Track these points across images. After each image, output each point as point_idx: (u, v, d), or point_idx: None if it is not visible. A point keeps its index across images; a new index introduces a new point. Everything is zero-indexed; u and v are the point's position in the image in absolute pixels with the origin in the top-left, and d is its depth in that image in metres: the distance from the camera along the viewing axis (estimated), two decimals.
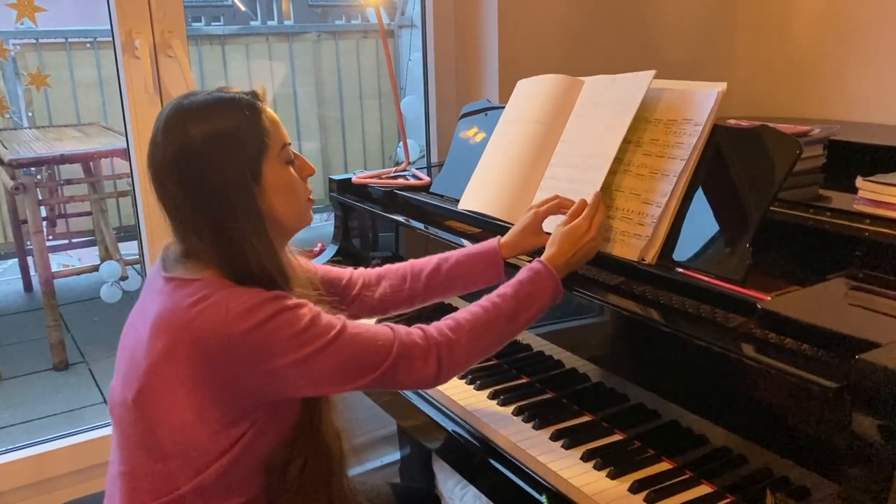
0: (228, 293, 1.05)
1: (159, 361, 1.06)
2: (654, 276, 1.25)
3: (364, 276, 1.44)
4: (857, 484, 0.90)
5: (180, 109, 1.10)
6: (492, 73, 2.22)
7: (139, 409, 1.09)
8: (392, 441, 2.38)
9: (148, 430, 1.09)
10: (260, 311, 1.03)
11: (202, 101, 1.11)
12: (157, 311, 1.08)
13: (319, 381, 1.08)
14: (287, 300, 1.06)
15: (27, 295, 4.09)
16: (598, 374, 1.32)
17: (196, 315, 1.04)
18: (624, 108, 1.37)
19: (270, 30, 4.63)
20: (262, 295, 1.05)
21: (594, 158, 1.39)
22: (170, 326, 1.06)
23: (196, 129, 1.08)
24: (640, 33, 2.40)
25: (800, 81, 2.38)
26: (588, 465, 1.19)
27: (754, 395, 1.05)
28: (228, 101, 1.11)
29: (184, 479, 1.08)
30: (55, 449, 1.98)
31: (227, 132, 1.09)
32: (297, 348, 1.04)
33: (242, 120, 1.10)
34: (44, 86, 3.40)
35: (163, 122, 1.10)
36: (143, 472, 1.11)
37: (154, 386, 1.07)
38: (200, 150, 1.07)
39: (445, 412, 1.42)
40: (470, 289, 1.42)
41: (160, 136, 1.09)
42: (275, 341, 1.04)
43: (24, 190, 3.36)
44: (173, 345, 1.05)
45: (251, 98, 1.13)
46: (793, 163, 1.18)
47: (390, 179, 1.96)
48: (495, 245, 1.38)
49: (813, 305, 1.08)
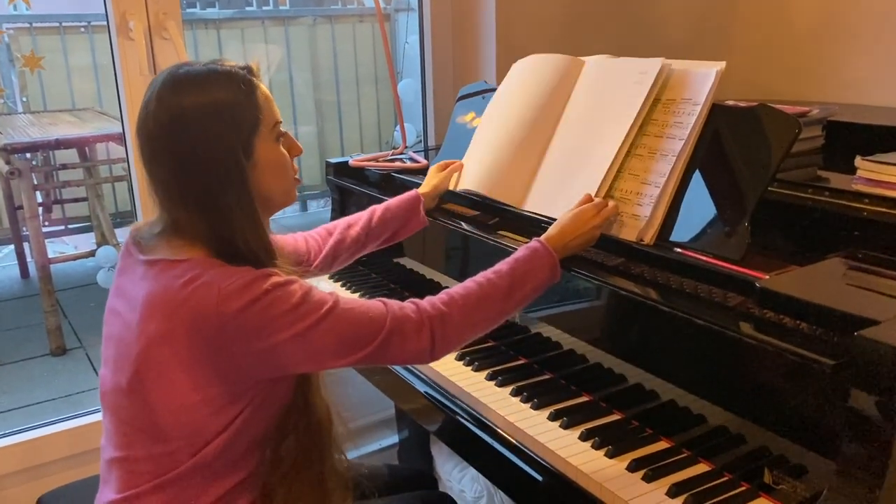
0: (219, 272, 1.04)
1: (154, 344, 1.05)
2: (653, 256, 1.25)
3: (308, 240, 1.53)
4: (855, 460, 0.91)
5: (174, 79, 1.08)
6: (489, 56, 2.21)
7: (135, 392, 1.08)
8: (390, 424, 2.38)
9: (147, 412, 1.09)
10: (252, 288, 1.03)
11: (197, 71, 1.09)
12: (145, 294, 1.07)
13: (316, 355, 1.08)
14: (277, 277, 1.06)
15: (23, 281, 4.07)
16: (596, 355, 1.32)
17: (189, 295, 1.03)
18: (627, 107, 1.36)
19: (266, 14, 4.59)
20: (252, 273, 1.05)
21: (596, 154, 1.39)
22: (163, 308, 1.05)
23: (190, 99, 1.06)
24: (638, 15, 2.39)
25: (798, 64, 2.37)
26: (586, 445, 1.20)
27: (752, 374, 1.05)
28: (224, 73, 1.10)
29: (183, 459, 1.08)
30: (52, 433, 1.98)
31: (222, 105, 1.07)
32: (291, 324, 1.04)
33: (237, 94, 1.08)
34: (38, 68, 3.38)
35: (156, 91, 1.08)
36: (141, 455, 1.10)
37: (150, 368, 1.06)
38: (193, 121, 1.06)
39: (444, 393, 1.42)
40: (396, 237, 1.61)
41: (153, 103, 1.08)
42: (269, 318, 1.03)
43: (20, 175, 3.34)
44: (168, 326, 1.04)
45: (246, 73, 1.12)
46: (791, 142, 1.18)
47: (387, 163, 1.95)
48: (417, 194, 1.62)
49: (811, 284, 1.08)
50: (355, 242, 1.56)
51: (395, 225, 1.59)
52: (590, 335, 1.34)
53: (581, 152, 1.42)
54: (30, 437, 1.96)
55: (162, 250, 1.10)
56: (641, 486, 1.10)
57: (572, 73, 1.53)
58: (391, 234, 1.60)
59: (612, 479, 1.11)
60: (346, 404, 1.26)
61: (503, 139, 1.56)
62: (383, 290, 1.84)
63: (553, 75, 1.55)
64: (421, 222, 1.60)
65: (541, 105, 1.54)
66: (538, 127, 1.52)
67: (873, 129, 1.59)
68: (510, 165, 1.53)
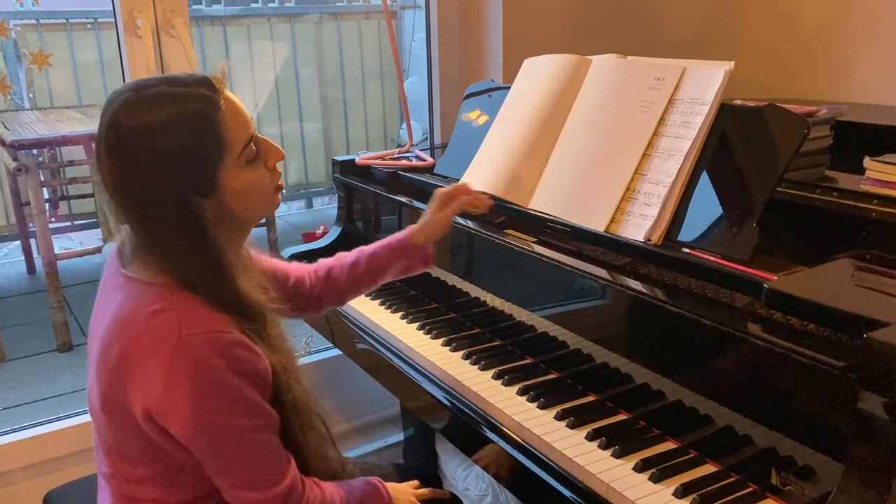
0: (185, 314, 1.00)
1: (117, 368, 1.02)
2: (661, 256, 1.25)
3: (309, 275, 1.43)
4: (863, 462, 0.91)
5: (122, 120, 1.00)
6: (496, 54, 2.20)
7: (107, 415, 1.06)
8: (395, 422, 2.39)
9: (118, 435, 1.07)
10: (212, 360, 0.99)
11: (148, 113, 0.99)
12: (113, 312, 1.04)
13: (212, 456, 1.03)
14: (239, 349, 1.01)
15: (30, 277, 4.08)
16: (602, 355, 1.32)
17: (150, 328, 0.99)
18: (646, 114, 1.35)
19: (272, 11, 4.60)
20: (221, 337, 1.00)
21: (602, 149, 1.38)
22: (123, 333, 1.01)
23: (140, 149, 0.99)
24: (645, 14, 2.38)
25: (805, 63, 2.36)
26: (593, 445, 1.20)
27: (760, 375, 1.05)
28: (177, 114, 1.00)
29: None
30: (59, 429, 1.99)
31: (171, 154, 0.99)
32: (218, 410, 1.00)
33: (191, 134, 1.00)
34: (45, 65, 3.38)
35: (104, 129, 1.01)
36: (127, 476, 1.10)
37: (114, 393, 1.03)
38: (142, 173, 0.99)
39: (450, 392, 1.42)
40: (393, 277, 1.44)
41: (102, 145, 1.01)
42: (209, 391, 0.99)
43: (27, 171, 3.34)
44: (126, 353, 1.01)
45: (207, 92, 1.02)
46: (801, 142, 1.18)
47: (394, 161, 1.95)
48: (407, 238, 1.41)
49: (819, 285, 1.07)
50: (338, 290, 1.44)
51: (388, 272, 1.44)
52: (597, 335, 1.34)
53: (592, 153, 1.42)
54: (37, 433, 1.97)
55: (137, 267, 1.06)
56: (648, 487, 1.10)
57: (580, 72, 1.52)
58: (388, 278, 1.46)
59: (618, 479, 1.11)
60: (350, 402, 1.26)
61: (515, 139, 1.56)
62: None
63: (562, 75, 1.55)
64: (411, 268, 1.44)
65: (550, 105, 1.53)
66: (548, 127, 1.52)
67: (882, 129, 1.58)
68: (521, 165, 1.52)
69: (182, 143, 1.00)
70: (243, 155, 1.05)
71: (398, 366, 1.55)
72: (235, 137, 1.04)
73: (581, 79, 1.52)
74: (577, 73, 1.53)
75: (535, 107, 1.56)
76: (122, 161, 1.00)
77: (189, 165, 1.01)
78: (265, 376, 1.05)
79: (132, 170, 1.00)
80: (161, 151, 0.99)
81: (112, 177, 1.01)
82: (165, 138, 0.99)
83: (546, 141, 1.51)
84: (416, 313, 1.69)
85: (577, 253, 1.37)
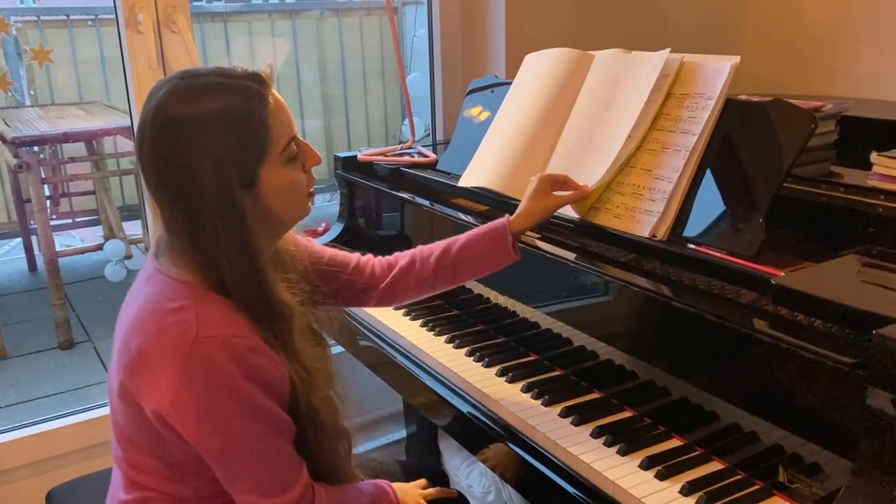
0: (204, 315, 0.99)
1: (133, 362, 1.02)
2: (666, 252, 1.24)
3: (373, 264, 1.39)
4: (871, 460, 0.90)
5: (171, 108, 0.99)
6: (498, 50, 2.19)
7: (122, 401, 1.06)
8: (398, 419, 2.38)
9: (130, 423, 1.07)
10: (226, 366, 0.98)
11: (198, 102, 0.99)
12: (139, 304, 1.04)
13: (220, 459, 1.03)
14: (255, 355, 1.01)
15: (31, 274, 4.08)
16: (607, 351, 1.32)
17: (168, 325, 0.99)
18: (635, 93, 1.35)
19: (273, 7, 4.59)
20: (238, 343, 0.99)
21: (605, 142, 1.38)
22: (143, 327, 1.01)
23: (188, 138, 0.99)
24: (649, 8, 2.37)
25: (810, 58, 2.35)
26: (598, 442, 1.19)
27: (766, 372, 1.04)
28: (228, 105, 1.00)
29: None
30: (61, 427, 1.99)
31: (220, 144, 0.99)
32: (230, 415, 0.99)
33: (241, 125, 1.00)
34: (46, 61, 3.38)
35: (150, 115, 1.00)
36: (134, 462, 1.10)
37: (130, 385, 1.03)
38: (189, 162, 0.99)
39: (454, 389, 1.41)
40: (481, 272, 1.36)
41: (147, 131, 1.01)
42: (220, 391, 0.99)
43: (28, 168, 3.34)
44: (144, 348, 1.01)
45: (257, 86, 1.03)
46: (807, 137, 1.17)
47: (396, 157, 1.94)
48: (504, 222, 1.33)
49: (826, 281, 1.07)
50: (419, 283, 1.37)
51: (474, 265, 1.35)
52: (601, 331, 1.33)
53: (589, 147, 1.41)
54: (39, 431, 1.97)
55: (168, 262, 1.06)
56: (654, 484, 1.09)
57: (583, 67, 1.51)
58: (471, 274, 1.38)
59: (624, 476, 1.11)
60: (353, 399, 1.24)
61: (516, 135, 1.55)
62: None
63: (564, 70, 1.54)
64: (506, 257, 1.33)
65: (552, 100, 1.52)
66: (549, 123, 1.51)
67: (889, 124, 1.57)
68: (524, 161, 1.51)
69: (231, 135, 1.00)
70: (285, 153, 1.05)
71: (401, 363, 1.54)
72: (279, 134, 1.04)
73: (584, 74, 1.51)
74: (579, 68, 1.52)
75: (536, 102, 1.55)
76: (168, 149, 1.00)
77: (235, 157, 1.01)
78: (281, 384, 1.04)
79: (178, 157, 0.99)
80: (209, 141, 0.99)
81: (155, 165, 1.01)
82: (215, 127, 0.99)
83: (548, 136, 1.51)
84: (419, 310, 1.68)
85: (581, 249, 1.36)
